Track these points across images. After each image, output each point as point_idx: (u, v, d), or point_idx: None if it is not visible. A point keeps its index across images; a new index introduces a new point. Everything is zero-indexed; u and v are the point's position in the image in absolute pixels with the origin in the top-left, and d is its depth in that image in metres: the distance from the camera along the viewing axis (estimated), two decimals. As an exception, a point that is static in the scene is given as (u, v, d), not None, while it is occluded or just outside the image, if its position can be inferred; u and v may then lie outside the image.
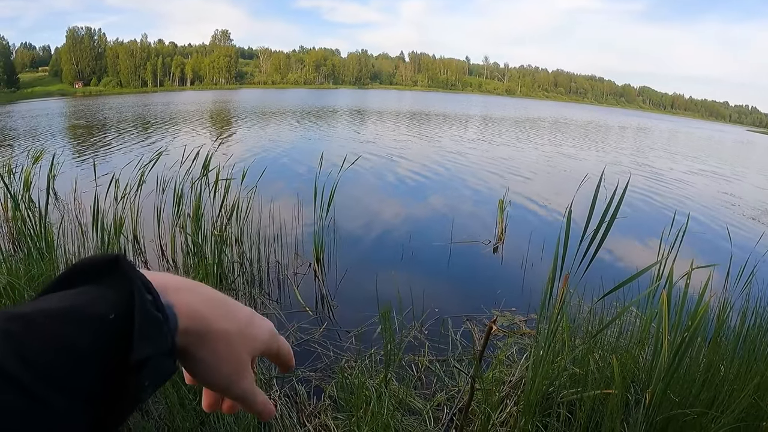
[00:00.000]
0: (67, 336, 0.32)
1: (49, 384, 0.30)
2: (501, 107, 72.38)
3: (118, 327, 0.35)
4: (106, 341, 0.34)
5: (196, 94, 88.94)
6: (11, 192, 4.95)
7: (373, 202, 9.35)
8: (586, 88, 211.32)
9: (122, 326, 0.35)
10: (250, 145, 16.21)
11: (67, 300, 0.35)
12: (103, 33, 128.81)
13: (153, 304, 0.37)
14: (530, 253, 6.25)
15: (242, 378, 0.48)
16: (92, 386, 0.33)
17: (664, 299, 2.24)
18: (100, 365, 0.33)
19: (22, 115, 33.68)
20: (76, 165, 11.55)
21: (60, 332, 0.32)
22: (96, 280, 0.37)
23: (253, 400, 0.50)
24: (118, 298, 0.36)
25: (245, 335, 0.47)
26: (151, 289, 0.38)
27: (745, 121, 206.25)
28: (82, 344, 0.33)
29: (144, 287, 0.37)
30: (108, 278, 0.37)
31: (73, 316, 0.33)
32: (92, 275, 0.37)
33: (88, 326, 0.33)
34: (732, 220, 9.49)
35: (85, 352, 0.33)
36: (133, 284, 0.36)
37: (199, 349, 0.43)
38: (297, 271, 5.57)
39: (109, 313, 0.35)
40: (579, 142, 25.30)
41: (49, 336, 0.31)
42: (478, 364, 2.47)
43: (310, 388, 3.34)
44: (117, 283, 0.37)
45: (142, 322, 0.35)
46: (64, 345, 0.32)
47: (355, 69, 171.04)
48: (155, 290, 0.38)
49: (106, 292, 0.36)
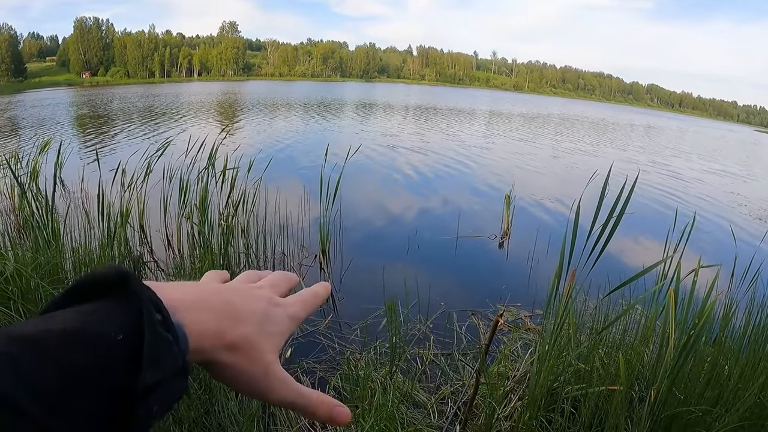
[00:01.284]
0: (72, 359, 0.30)
1: (53, 412, 0.28)
2: (509, 103, 72.13)
3: (126, 349, 0.33)
4: (113, 364, 0.32)
5: (204, 85, 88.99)
6: (18, 180, 4.96)
7: (380, 195, 9.35)
8: (594, 85, 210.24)
9: (131, 348, 0.33)
10: (257, 137, 16.23)
11: (72, 320, 0.32)
12: (111, 23, 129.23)
13: (162, 324, 0.35)
14: (536, 249, 6.23)
15: (272, 379, 0.45)
16: (99, 412, 0.31)
17: (671, 297, 2.23)
18: (107, 390, 0.32)
19: (29, 104, 33.78)
20: (83, 154, 11.59)
21: (65, 355, 0.30)
22: (104, 296, 0.35)
23: (304, 403, 0.47)
24: (127, 319, 0.33)
25: (264, 333, 0.45)
26: (161, 307, 0.36)
27: (753, 121, 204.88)
28: (88, 368, 0.31)
29: (154, 306, 0.35)
30: (116, 295, 0.35)
31: (79, 338, 0.31)
32: (100, 291, 0.35)
33: (95, 349, 0.32)
34: (738, 219, 9.46)
35: (91, 376, 0.31)
36: (143, 303, 0.34)
37: (220, 359, 0.42)
38: (302, 263, 5.58)
39: (117, 334, 0.33)
40: (589, 139, 25.19)
41: (53, 359, 0.30)
42: (483, 359, 2.47)
43: (315, 379, 3.35)
44: (125, 302, 0.34)
45: (152, 344, 0.33)
46: (69, 369, 0.30)
47: (362, 62, 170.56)
48: (165, 309, 0.36)
49: (114, 310, 0.34)
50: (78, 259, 3.97)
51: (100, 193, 4.78)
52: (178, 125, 19.23)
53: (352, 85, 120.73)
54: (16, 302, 2.82)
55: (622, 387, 2.32)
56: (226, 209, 5.81)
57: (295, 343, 3.87)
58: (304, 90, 69.46)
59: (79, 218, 5.46)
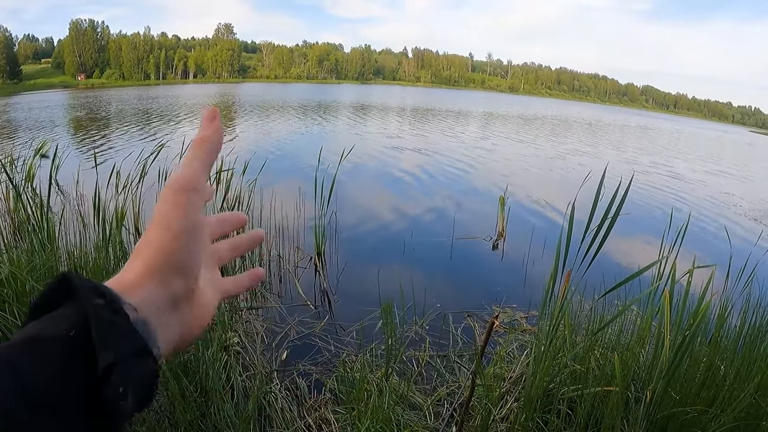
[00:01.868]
0: (33, 364, 0.32)
1: (35, 413, 0.30)
2: (505, 104, 72.23)
3: (81, 342, 0.34)
4: (72, 359, 0.33)
5: (199, 87, 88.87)
6: (13, 183, 4.95)
7: (376, 197, 9.35)
8: (590, 86, 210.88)
9: (85, 341, 0.34)
10: (252, 139, 16.20)
11: (27, 331, 0.34)
12: (106, 25, 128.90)
13: (107, 307, 0.35)
14: (532, 250, 6.25)
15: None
16: (70, 407, 0.32)
17: (666, 297, 2.24)
18: (71, 386, 0.33)
19: (24, 107, 33.65)
20: (78, 157, 11.56)
21: (26, 362, 0.31)
22: (57, 305, 0.36)
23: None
24: (75, 314, 0.34)
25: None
26: (104, 292, 0.36)
27: (748, 122, 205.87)
28: (50, 368, 0.32)
29: (95, 294, 0.35)
30: (65, 298, 0.36)
31: (37, 344, 0.33)
32: (53, 302, 0.36)
33: (52, 349, 0.33)
34: (734, 220, 9.51)
35: (55, 375, 0.32)
36: (82, 295, 0.35)
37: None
38: (298, 265, 5.57)
39: (69, 331, 0.34)
40: (585, 141, 25.25)
41: (9, 370, 0.31)
42: (479, 360, 2.48)
43: (311, 381, 3.35)
44: (72, 300, 0.35)
45: (98, 329, 0.34)
46: (27, 376, 0.31)
47: (358, 64, 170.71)
48: (109, 293, 0.36)
49: (64, 311, 0.35)
50: (73, 261, 3.96)
51: (96, 196, 4.76)
52: (173, 128, 19.19)
53: (347, 87, 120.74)
54: (11, 305, 2.80)
55: (617, 388, 2.32)
56: (221, 212, 5.80)
57: (291, 345, 3.87)
58: (300, 92, 69.46)
59: (74, 221, 5.44)
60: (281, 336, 3.98)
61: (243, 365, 3.38)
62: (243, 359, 3.47)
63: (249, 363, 3.44)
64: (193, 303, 0.45)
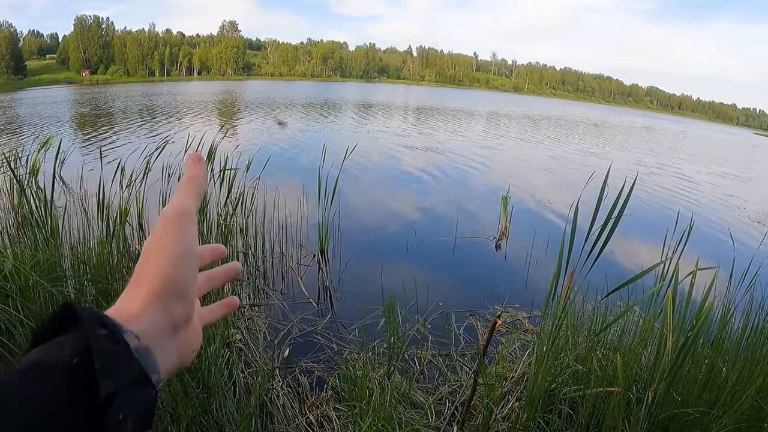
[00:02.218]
0: (33, 391, 0.32)
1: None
2: (510, 104, 72.10)
3: (83, 370, 0.34)
4: (74, 386, 0.34)
5: (204, 84, 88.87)
6: (18, 178, 4.96)
7: (379, 195, 9.36)
8: (594, 86, 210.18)
9: (87, 368, 0.35)
10: (256, 136, 16.20)
11: (33, 356, 0.35)
12: (111, 22, 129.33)
13: (109, 337, 0.37)
14: (535, 250, 6.24)
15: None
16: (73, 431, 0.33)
17: (669, 299, 2.24)
18: (75, 412, 0.33)
19: (30, 102, 33.74)
20: (83, 153, 11.58)
21: (27, 388, 0.32)
22: (59, 332, 0.37)
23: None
24: (79, 344, 0.35)
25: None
26: (106, 323, 0.37)
27: (753, 124, 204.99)
28: (53, 394, 0.33)
29: (97, 323, 0.37)
30: (69, 326, 0.37)
31: (41, 368, 0.34)
32: (57, 329, 0.37)
33: (57, 375, 0.34)
34: (737, 222, 9.48)
35: (57, 401, 0.33)
36: (85, 325, 0.36)
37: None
38: (301, 263, 5.58)
39: (72, 359, 0.35)
40: (589, 141, 25.21)
41: (17, 394, 0.32)
42: (481, 359, 2.48)
43: (313, 378, 3.36)
44: (75, 329, 0.37)
45: (99, 359, 0.35)
46: (35, 399, 0.32)
47: (362, 62, 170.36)
48: (111, 322, 0.38)
49: (67, 339, 0.36)
50: (77, 257, 3.97)
51: (100, 191, 4.77)
52: (177, 124, 19.22)
53: (352, 85, 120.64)
54: (15, 299, 2.81)
55: (619, 388, 2.32)
56: (225, 209, 5.81)
57: (294, 342, 3.88)
58: (305, 90, 69.38)
59: (78, 216, 5.45)
60: (284, 333, 3.99)
61: (245, 362, 3.39)
62: (245, 356, 3.47)
63: (251, 360, 3.45)
64: (189, 328, 0.48)
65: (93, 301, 3.51)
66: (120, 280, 3.65)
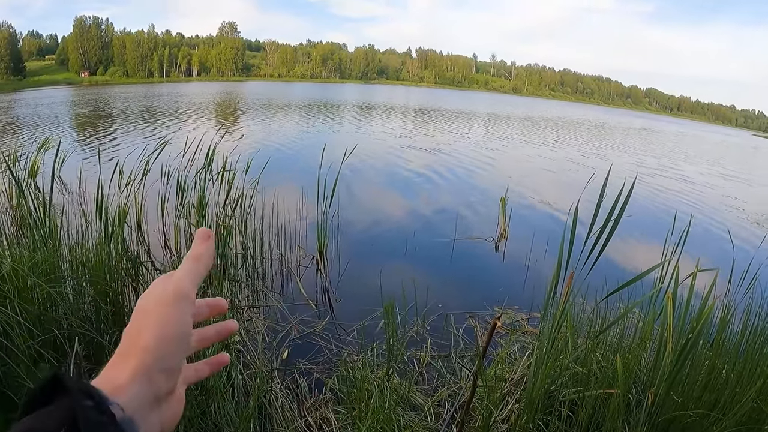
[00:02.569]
0: None
1: None
2: (510, 105, 72.13)
3: None
4: None
5: (203, 85, 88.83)
6: (17, 179, 4.95)
7: (378, 197, 9.35)
8: (593, 88, 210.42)
9: None
10: (256, 137, 16.19)
11: (23, 425, 0.36)
12: (111, 22, 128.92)
13: (95, 409, 0.38)
14: (534, 251, 6.24)
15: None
16: None
17: (669, 301, 2.23)
18: None
19: (30, 102, 33.74)
20: (82, 154, 11.57)
21: None
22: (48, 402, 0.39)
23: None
24: (66, 414, 0.37)
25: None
26: (93, 394, 0.39)
27: (752, 125, 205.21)
28: None
29: (84, 395, 0.38)
30: (55, 397, 0.39)
31: None
32: (45, 400, 0.39)
33: None
34: (737, 223, 9.48)
35: None
36: (73, 396, 0.38)
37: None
38: (300, 264, 5.57)
39: (59, 428, 0.36)
40: (590, 142, 25.23)
41: None
42: (480, 361, 2.47)
43: (312, 380, 3.35)
44: (63, 399, 0.38)
45: (86, 429, 0.36)
46: None
47: (361, 64, 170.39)
48: (98, 394, 0.40)
49: (54, 410, 0.37)
50: (75, 258, 3.95)
51: (99, 192, 4.76)
52: (177, 125, 19.20)
53: (351, 86, 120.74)
54: (13, 301, 2.80)
55: (619, 390, 2.31)
56: (224, 210, 5.81)
57: (292, 344, 3.87)
58: (304, 91, 69.40)
59: (76, 217, 5.44)
60: (282, 335, 3.98)
61: (244, 363, 3.38)
62: (244, 357, 3.46)
63: (250, 361, 3.44)
64: (174, 398, 0.50)
65: (92, 302, 3.49)
66: (118, 281, 3.64)
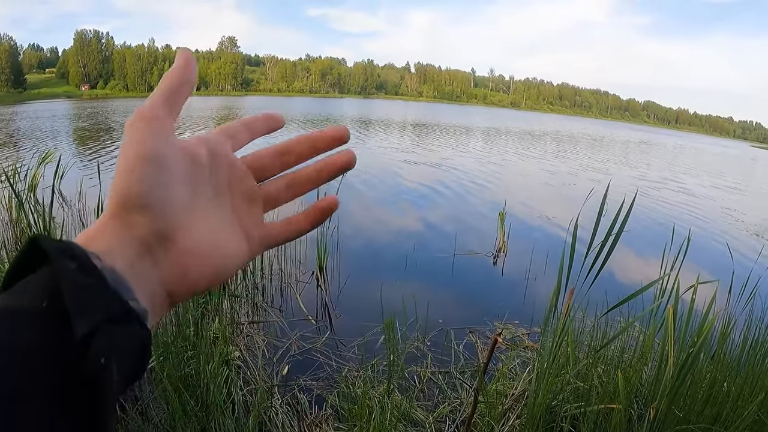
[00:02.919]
0: (2, 339, 0.28)
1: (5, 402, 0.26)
2: (509, 120, 72.43)
3: (56, 311, 0.30)
4: (48, 332, 0.29)
5: (202, 99, 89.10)
6: (16, 192, 4.96)
7: (378, 212, 9.35)
8: (591, 101, 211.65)
9: (60, 309, 0.30)
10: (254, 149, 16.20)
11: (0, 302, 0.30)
12: (111, 36, 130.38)
13: (79, 271, 0.31)
14: (533, 266, 6.23)
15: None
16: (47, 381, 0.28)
17: (670, 315, 2.23)
18: (50, 360, 0.29)
19: (30, 115, 33.85)
20: (82, 167, 11.58)
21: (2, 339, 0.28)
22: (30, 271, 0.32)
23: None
24: (46, 281, 0.31)
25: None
26: (76, 253, 0.31)
27: (749, 136, 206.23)
28: (25, 343, 0.28)
29: (66, 255, 0.31)
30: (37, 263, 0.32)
31: (7, 318, 0.29)
32: (24, 270, 0.32)
33: (24, 321, 0.29)
34: (736, 235, 9.49)
35: (30, 349, 0.28)
36: (52, 257, 0.31)
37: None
38: (300, 280, 5.56)
39: (42, 301, 0.30)
40: (592, 156, 25.31)
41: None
42: (481, 377, 2.46)
43: (312, 397, 3.33)
44: (44, 266, 0.32)
45: (70, 296, 0.30)
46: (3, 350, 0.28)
47: (360, 78, 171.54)
48: (81, 252, 0.32)
49: (34, 279, 0.31)
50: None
51: (99, 207, 4.77)
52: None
53: (350, 101, 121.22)
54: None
55: (620, 405, 2.31)
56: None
57: (293, 360, 3.86)
58: (304, 106, 69.59)
59: (76, 231, 5.44)
60: (282, 350, 3.97)
61: (244, 379, 3.37)
62: (244, 373, 3.45)
63: (250, 377, 3.43)
64: (174, 248, 0.39)
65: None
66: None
